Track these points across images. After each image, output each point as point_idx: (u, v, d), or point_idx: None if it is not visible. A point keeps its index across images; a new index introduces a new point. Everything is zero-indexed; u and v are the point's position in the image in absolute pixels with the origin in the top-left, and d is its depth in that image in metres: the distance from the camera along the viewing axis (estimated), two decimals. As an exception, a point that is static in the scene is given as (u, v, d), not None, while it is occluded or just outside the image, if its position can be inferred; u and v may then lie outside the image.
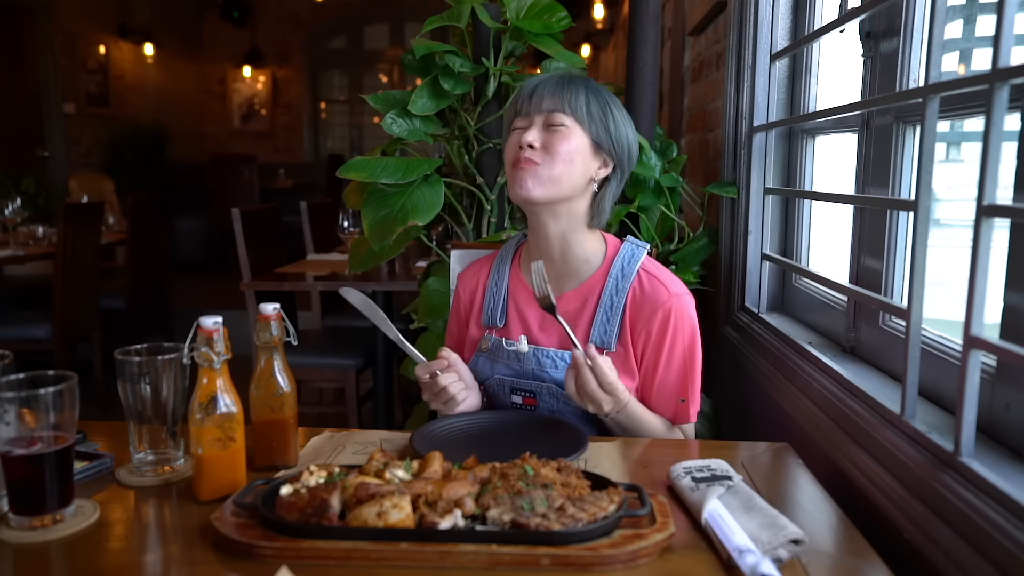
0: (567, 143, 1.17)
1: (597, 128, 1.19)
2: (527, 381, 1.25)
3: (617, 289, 1.22)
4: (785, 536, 0.78)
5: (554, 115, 1.18)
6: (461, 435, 1.15)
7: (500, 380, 1.27)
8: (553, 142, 1.17)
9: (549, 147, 1.17)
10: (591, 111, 1.19)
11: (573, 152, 1.17)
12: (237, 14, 8.37)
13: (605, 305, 1.22)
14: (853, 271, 1.34)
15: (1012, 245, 0.87)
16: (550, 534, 0.76)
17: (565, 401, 1.22)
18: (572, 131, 1.18)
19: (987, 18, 1.27)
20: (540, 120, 1.19)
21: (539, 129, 1.18)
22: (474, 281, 1.36)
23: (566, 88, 1.19)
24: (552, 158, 1.17)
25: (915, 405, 0.95)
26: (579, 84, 1.20)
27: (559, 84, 1.20)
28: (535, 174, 1.17)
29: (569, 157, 1.17)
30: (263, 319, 1.00)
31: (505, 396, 1.27)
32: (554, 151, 1.17)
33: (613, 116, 1.21)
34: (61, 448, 0.85)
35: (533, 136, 1.17)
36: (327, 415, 3.30)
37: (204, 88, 8.88)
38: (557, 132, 1.17)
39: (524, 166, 1.17)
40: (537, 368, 1.24)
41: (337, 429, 1.20)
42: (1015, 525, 0.70)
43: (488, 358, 1.29)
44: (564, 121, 1.18)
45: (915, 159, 1.10)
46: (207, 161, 7.86)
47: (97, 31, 7.07)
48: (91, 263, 3.62)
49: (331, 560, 0.77)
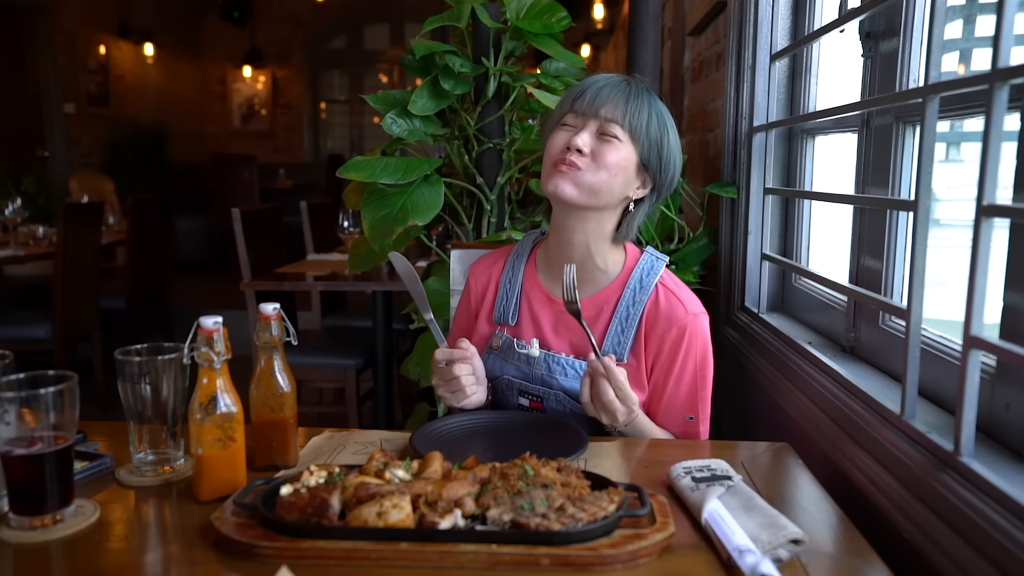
0: (616, 154, 1.14)
1: (649, 150, 1.16)
2: (535, 386, 1.24)
3: (634, 301, 1.21)
4: (785, 536, 0.78)
5: (611, 125, 1.15)
6: (461, 435, 1.15)
7: (508, 381, 1.26)
8: (603, 152, 1.14)
9: (597, 155, 1.14)
10: (649, 132, 1.16)
11: (619, 166, 1.15)
12: (237, 14, 8.37)
13: (620, 316, 1.21)
14: (853, 271, 1.34)
15: (1012, 245, 0.87)
16: (550, 534, 0.77)
17: (572, 409, 1.22)
18: (624, 145, 1.15)
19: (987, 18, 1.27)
20: (595, 125, 1.15)
21: (591, 134, 1.15)
22: (487, 275, 1.34)
23: (631, 102, 1.15)
24: (597, 167, 1.14)
25: (915, 405, 0.95)
26: (644, 100, 1.17)
27: (625, 95, 1.16)
28: (574, 177, 1.14)
29: (615, 170, 1.14)
30: (263, 319, 1.00)
31: (512, 397, 1.26)
32: (602, 161, 1.14)
33: (668, 141, 1.18)
34: (61, 448, 0.85)
35: (584, 141, 1.14)
36: (327, 415, 3.30)
37: (204, 88, 8.88)
38: (609, 143, 1.14)
39: (565, 168, 1.15)
40: (547, 374, 1.23)
41: (337, 429, 1.20)
42: (1015, 525, 0.70)
43: (498, 356, 1.27)
44: (619, 134, 1.15)
45: (915, 159, 1.10)
46: (207, 161, 7.86)
47: (97, 31, 7.07)
48: (91, 263, 3.62)
49: (331, 560, 0.77)
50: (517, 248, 1.35)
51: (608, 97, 1.15)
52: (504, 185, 1.90)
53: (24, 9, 6.14)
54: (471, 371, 1.18)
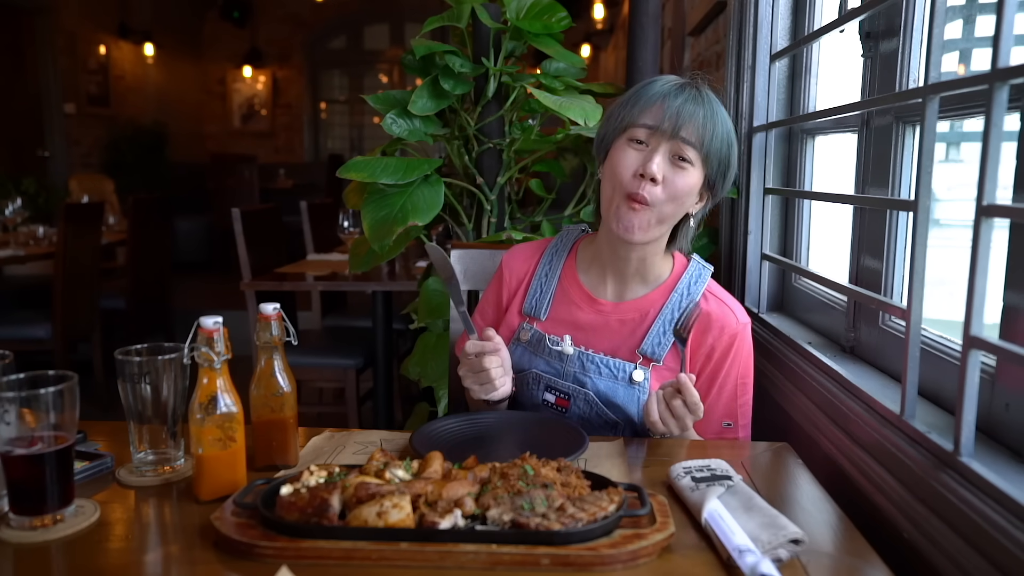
0: (687, 183, 1.11)
1: (717, 171, 1.14)
2: (566, 383, 1.22)
3: (680, 307, 1.21)
4: (785, 536, 0.78)
5: (687, 149, 1.10)
6: (461, 435, 1.15)
7: (537, 376, 1.24)
8: (675, 179, 1.11)
9: (669, 184, 1.11)
10: (720, 152, 1.13)
11: (688, 194, 1.13)
12: (237, 14, 8.37)
13: (664, 319, 1.21)
14: (853, 271, 1.34)
15: (1012, 245, 0.87)
16: (550, 534, 0.77)
17: (598, 411, 1.21)
18: (695, 170, 1.12)
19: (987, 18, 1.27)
20: (669, 147, 1.11)
21: (665, 158, 1.11)
22: (524, 266, 1.32)
23: (708, 121, 1.11)
24: (667, 198, 1.11)
25: (915, 405, 0.95)
26: (719, 119, 1.13)
27: (704, 114, 1.11)
28: (644, 219, 1.12)
29: (683, 200, 1.13)
30: (263, 319, 1.00)
31: (538, 391, 1.24)
32: (673, 190, 1.11)
33: (732, 156, 1.16)
34: (61, 448, 0.85)
35: (659, 167, 1.10)
36: (327, 415, 3.30)
37: (204, 88, 8.88)
38: (682, 169, 1.11)
39: (637, 208, 1.11)
40: (580, 372, 1.21)
41: (337, 429, 1.20)
42: (1015, 525, 0.70)
43: (527, 350, 1.26)
44: (692, 157, 1.11)
45: (915, 159, 1.10)
46: (207, 161, 7.87)
47: (97, 31, 7.07)
48: (91, 263, 3.62)
49: (331, 560, 0.77)
50: (556, 242, 1.33)
51: (689, 116, 1.10)
52: (504, 185, 1.90)
53: (24, 9, 6.14)
54: (500, 363, 1.15)
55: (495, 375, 1.14)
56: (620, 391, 1.20)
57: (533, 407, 1.26)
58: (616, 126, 1.16)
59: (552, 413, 1.24)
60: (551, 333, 1.25)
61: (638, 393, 1.20)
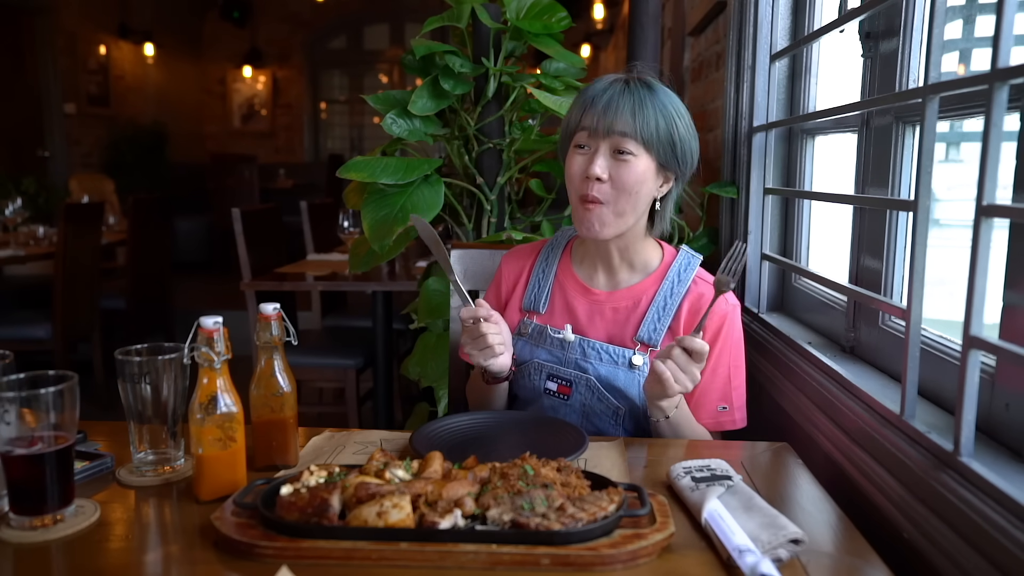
0: (633, 173, 1.16)
1: (664, 150, 1.17)
2: (567, 370, 1.25)
3: (672, 292, 1.24)
4: (785, 536, 0.78)
5: (624, 141, 1.15)
6: (461, 435, 1.15)
7: (539, 365, 1.27)
8: (620, 173, 1.15)
9: (616, 179, 1.16)
10: (659, 135, 1.16)
11: (639, 182, 1.16)
12: (237, 14, 8.37)
13: (658, 305, 1.24)
14: (853, 271, 1.34)
15: (1012, 245, 0.87)
16: (550, 534, 0.77)
17: (599, 397, 1.23)
18: (639, 159, 1.16)
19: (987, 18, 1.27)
20: (607, 146, 1.16)
21: (606, 156, 1.16)
22: (520, 265, 1.37)
23: (639, 112, 1.15)
24: (618, 192, 1.16)
25: (915, 405, 0.95)
26: (648, 102, 1.16)
27: (632, 106, 1.15)
28: (601, 215, 1.17)
29: (636, 189, 1.16)
30: (263, 319, 1.00)
31: (540, 381, 1.27)
32: (621, 184, 1.15)
33: (678, 130, 1.18)
34: (61, 448, 0.85)
35: (601, 168, 1.15)
36: (327, 415, 3.30)
37: (204, 88, 8.88)
38: (625, 163, 1.15)
39: (591, 207, 1.17)
40: (581, 358, 1.24)
41: (337, 429, 1.20)
42: (1015, 525, 0.70)
43: (528, 342, 1.29)
44: (632, 149, 1.15)
45: (915, 159, 1.10)
46: (207, 161, 7.87)
47: (97, 31, 7.07)
48: (91, 263, 3.62)
49: (331, 560, 0.77)
50: (551, 242, 1.38)
51: (617, 111, 1.15)
52: (504, 185, 1.90)
53: (24, 9, 6.14)
54: (498, 330, 1.19)
55: (493, 341, 1.16)
56: (620, 375, 1.23)
57: (535, 397, 1.28)
58: (565, 136, 1.24)
59: (554, 401, 1.26)
60: (553, 325, 1.29)
61: (638, 377, 1.22)
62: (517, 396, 1.33)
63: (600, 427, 1.25)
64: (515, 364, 1.29)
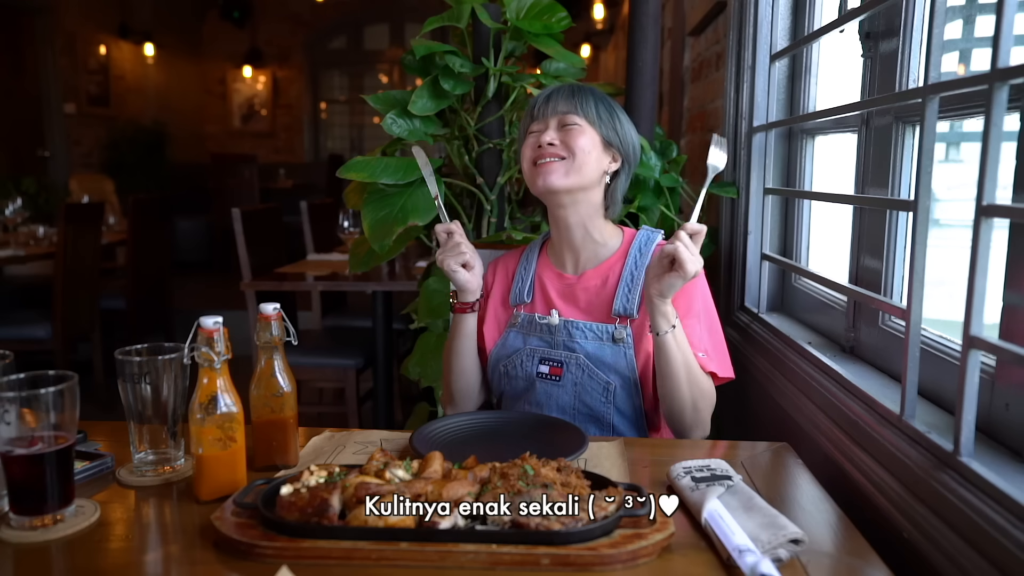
0: (582, 137, 1.28)
1: (606, 128, 1.31)
2: (557, 351, 1.32)
3: (637, 265, 1.32)
4: (785, 536, 0.78)
5: (568, 116, 1.30)
6: (461, 435, 1.15)
7: (531, 351, 1.34)
8: (570, 138, 1.28)
9: (567, 142, 1.28)
10: (600, 114, 1.31)
11: (588, 146, 1.28)
12: (237, 14, 8.37)
13: (626, 278, 1.31)
14: (853, 271, 1.34)
15: (1012, 245, 0.87)
16: (550, 534, 0.77)
17: (589, 374, 1.29)
18: (584, 129, 1.29)
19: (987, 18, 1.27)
20: (555, 122, 1.30)
21: (555, 129, 1.30)
22: (505, 266, 1.47)
23: (577, 94, 1.31)
24: (572, 152, 1.28)
25: (915, 405, 0.95)
26: (588, 91, 1.33)
27: (571, 91, 1.32)
28: (556, 168, 1.28)
29: (586, 149, 1.28)
30: (263, 319, 1.00)
31: (532, 366, 1.34)
32: (571, 145, 1.28)
33: (619, 118, 1.33)
34: (61, 448, 0.85)
35: (551, 135, 1.29)
36: (327, 415, 3.29)
37: (204, 88, 8.88)
38: (572, 130, 1.29)
39: (546, 163, 1.28)
40: (568, 339, 1.32)
41: (337, 429, 1.20)
42: (1015, 525, 0.70)
43: (519, 332, 1.37)
44: (577, 121, 1.29)
45: (915, 159, 1.10)
46: (207, 161, 7.85)
47: (97, 31, 7.07)
48: (91, 263, 3.62)
49: (331, 560, 0.77)
50: (531, 245, 1.47)
51: (560, 96, 1.31)
52: (504, 185, 1.90)
53: (24, 9, 6.14)
54: (470, 246, 1.32)
55: (466, 249, 1.31)
56: (607, 350, 1.29)
57: (529, 384, 1.33)
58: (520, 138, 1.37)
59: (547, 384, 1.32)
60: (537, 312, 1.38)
61: (624, 349, 1.29)
62: (511, 386, 1.37)
63: (591, 405, 1.29)
64: (509, 354, 1.36)
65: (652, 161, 1.81)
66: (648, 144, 1.80)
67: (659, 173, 1.82)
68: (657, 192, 1.85)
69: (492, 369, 1.39)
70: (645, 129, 1.86)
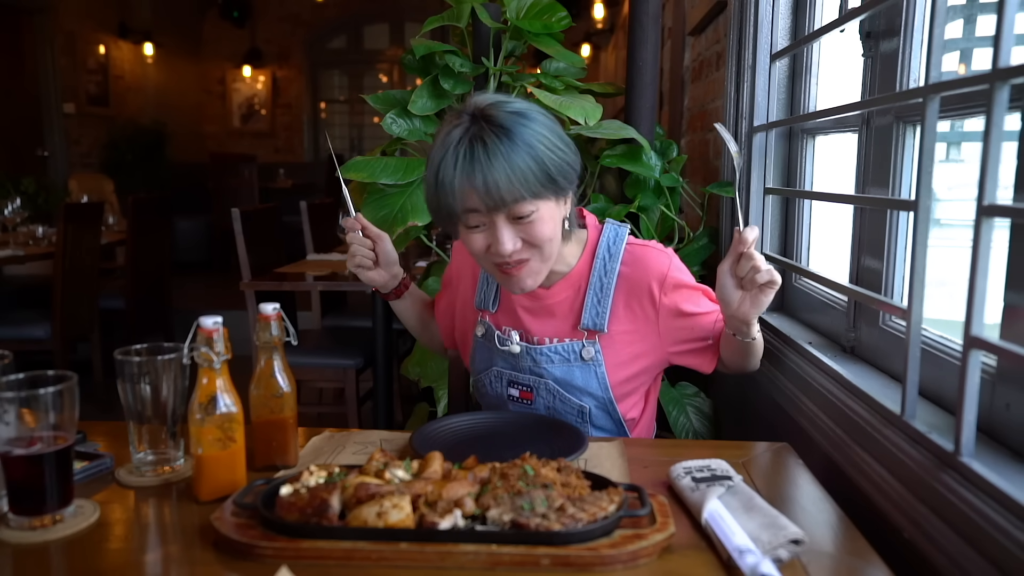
0: (544, 226, 1.08)
1: (551, 185, 1.07)
2: (525, 375, 1.26)
3: (605, 270, 1.21)
4: (785, 536, 0.78)
5: (517, 207, 1.05)
6: (461, 435, 1.15)
7: (499, 372, 1.28)
8: (531, 233, 1.07)
9: (529, 239, 1.08)
10: (539, 178, 1.04)
11: (553, 229, 1.10)
12: (237, 14, 8.37)
13: (595, 287, 1.21)
14: (853, 271, 1.34)
15: (1012, 245, 0.87)
16: (550, 534, 0.76)
17: (560, 399, 1.23)
18: (540, 211, 1.06)
19: (987, 18, 1.27)
20: (503, 216, 1.06)
21: (508, 227, 1.06)
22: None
23: (514, 171, 1.02)
24: (539, 248, 1.09)
25: (915, 405, 0.95)
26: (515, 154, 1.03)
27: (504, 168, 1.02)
28: (529, 271, 1.12)
29: (551, 236, 1.09)
30: (263, 319, 1.00)
31: (502, 388, 1.29)
32: (538, 241, 1.08)
33: (551, 162, 1.06)
34: (61, 448, 0.85)
35: (511, 242, 1.07)
36: (327, 415, 3.29)
37: (204, 88, 8.88)
38: (530, 222, 1.06)
39: (515, 272, 1.11)
40: (533, 365, 1.24)
41: (337, 429, 1.20)
42: (1015, 525, 0.70)
43: (485, 345, 1.30)
44: (528, 208, 1.05)
45: (915, 159, 1.10)
46: (207, 161, 7.85)
47: (97, 31, 7.07)
48: (91, 263, 3.62)
49: (331, 560, 0.77)
50: None
51: (497, 182, 1.02)
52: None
53: (24, 9, 6.14)
54: (368, 245, 1.25)
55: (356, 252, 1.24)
56: (576, 372, 1.21)
57: (501, 404, 1.30)
58: (448, 217, 1.10)
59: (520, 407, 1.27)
60: (502, 325, 1.28)
61: (594, 368, 1.21)
62: (486, 403, 1.34)
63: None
64: (479, 372, 1.31)
65: (652, 161, 1.81)
66: (648, 144, 1.80)
67: (659, 173, 1.82)
68: (657, 192, 1.85)
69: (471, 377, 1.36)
70: (645, 129, 1.86)
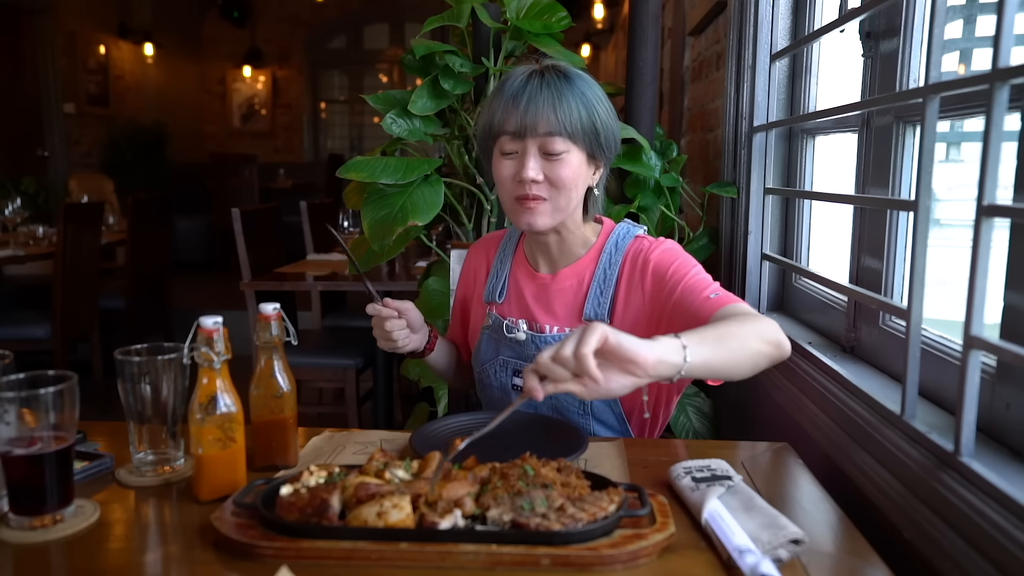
0: (569, 169, 1.14)
1: (590, 140, 1.15)
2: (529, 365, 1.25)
3: (610, 263, 1.23)
4: (785, 536, 0.78)
5: (551, 140, 1.12)
6: (461, 435, 1.15)
7: (504, 362, 1.29)
8: (555, 172, 1.14)
9: (552, 178, 1.14)
10: (584, 126, 1.14)
11: (573, 177, 1.15)
12: (237, 14, 8.36)
13: (599, 279, 1.23)
14: (853, 271, 1.34)
15: (1012, 245, 0.87)
16: (550, 534, 0.76)
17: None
18: (571, 155, 1.14)
19: (987, 18, 1.27)
20: (535, 147, 1.13)
21: (536, 158, 1.14)
22: (483, 256, 1.40)
23: (560, 106, 1.12)
24: (557, 190, 1.15)
25: (915, 405, 0.95)
26: (569, 95, 1.13)
27: (550, 100, 1.12)
28: (542, 211, 1.16)
29: (573, 183, 1.15)
30: (263, 319, 1.00)
31: (507, 378, 1.29)
32: (559, 182, 1.14)
33: (600, 118, 1.16)
34: (61, 448, 0.85)
35: (535, 170, 1.13)
36: (327, 415, 3.30)
37: (204, 88, 8.88)
38: (558, 160, 1.13)
39: (531, 205, 1.15)
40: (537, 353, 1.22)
41: (337, 429, 1.20)
42: (1015, 525, 0.70)
43: (492, 337, 1.30)
44: (561, 147, 1.13)
45: (915, 159, 1.10)
46: (207, 161, 7.85)
47: (97, 31, 7.07)
48: (91, 263, 3.62)
49: (331, 560, 0.77)
50: (509, 233, 1.40)
51: (540, 111, 1.12)
52: (504, 185, 1.90)
53: (24, 9, 6.13)
54: (403, 326, 1.26)
55: (397, 336, 1.25)
56: None
57: (505, 394, 1.30)
58: (486, 136, 1.20)
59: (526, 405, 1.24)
60: (509, 315, 1.30)
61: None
62: (488, 395, 1.34)
63: (570, 419, 1.24)
64: (483, 363, 1.31)
65: (652, 161, 1.81)
66: (648, 144, 1.80)
67: (659, 173, 1.82)
68: (657, 192, 1.85)
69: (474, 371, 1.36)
70: (645, 129, 1.86)
